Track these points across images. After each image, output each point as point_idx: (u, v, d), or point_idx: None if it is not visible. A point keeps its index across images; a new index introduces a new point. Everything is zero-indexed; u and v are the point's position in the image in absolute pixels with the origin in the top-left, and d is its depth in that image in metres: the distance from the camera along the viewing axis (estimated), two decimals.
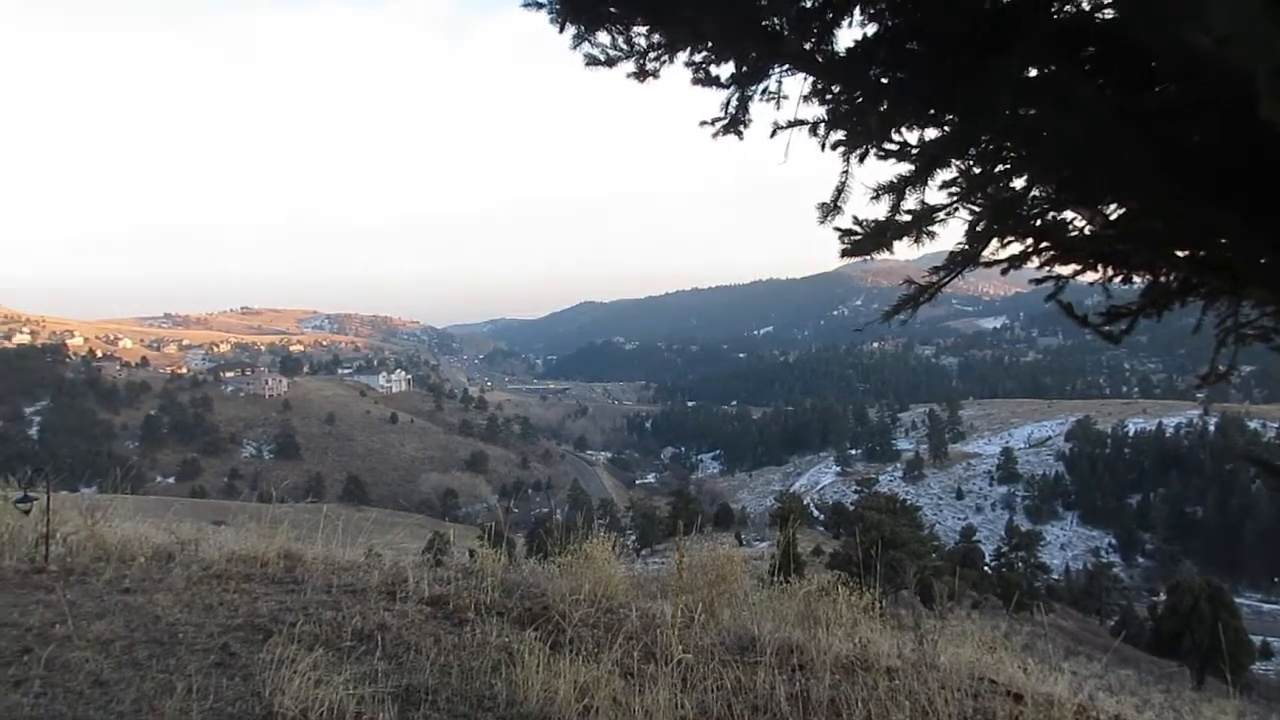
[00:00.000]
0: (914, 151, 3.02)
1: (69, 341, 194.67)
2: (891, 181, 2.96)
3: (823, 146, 3.10)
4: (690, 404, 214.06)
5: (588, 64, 3.03)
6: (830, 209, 3.21)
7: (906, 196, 2.99)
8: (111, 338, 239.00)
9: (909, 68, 2.69)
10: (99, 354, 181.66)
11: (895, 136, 2.96)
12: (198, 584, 5.96)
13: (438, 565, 6.50)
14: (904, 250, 3.40)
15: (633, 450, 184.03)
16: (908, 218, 3.16)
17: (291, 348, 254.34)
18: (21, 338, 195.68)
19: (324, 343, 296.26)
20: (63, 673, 4.25)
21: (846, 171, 3.11)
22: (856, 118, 2.92)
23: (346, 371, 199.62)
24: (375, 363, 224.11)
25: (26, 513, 6.74)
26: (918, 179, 2.93)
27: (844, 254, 3.36)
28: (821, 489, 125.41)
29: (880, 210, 3.10)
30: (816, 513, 77.12)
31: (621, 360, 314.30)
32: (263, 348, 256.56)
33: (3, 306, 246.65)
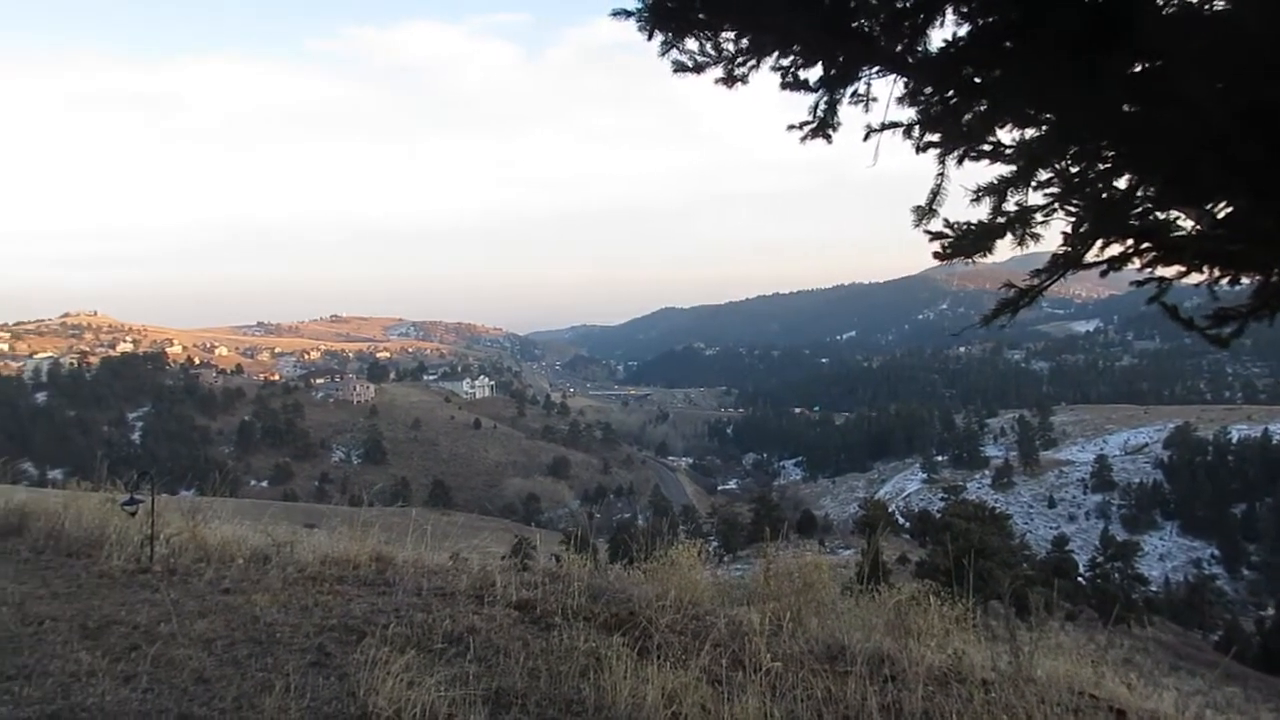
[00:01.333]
0: (1009, 152, 2.95)
1: (169, 350, 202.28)
2: (992, 183, 2.90)
3: (917, 149, 3.05)
4: (772, 410, 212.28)
5: (675, 70, 3.03)
6: (925, 212, 3.15)
7: (1008, 198, 2.91)
8: (208, 346, 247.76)
9: (1005, 67, 2.62)
10: (197, 362, 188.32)
11: (991, 137, 2.89)
12: (294, 585, 6.12)
13: (524, 570, 6.56)
14: (1001, 252, 3.32)
15: (714, 456, 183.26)
16: (1003, 219, 3.09)
17: (378, 355, 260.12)
18: (125, 346, 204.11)
19: (410, 350, 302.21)
20: (168, 669, 4.40)
21: (942, 174, 3.05)
22: (951, 119, 2.86)
23: (431, 378, 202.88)
24: (459, 369, 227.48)
25: (133, 514, 7.00)
26: (1020, 179, 2.86)
27: (942, 257, 3.29)
28: (906, 496, 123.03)
29: (977, 213, 3.03)
30: (902, 520, 75.70)
31: (702, 366, 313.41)
32: (351, 355, 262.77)
33: (108, 316, 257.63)
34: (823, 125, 3.30)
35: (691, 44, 3.03)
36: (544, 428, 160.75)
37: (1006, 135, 2.93)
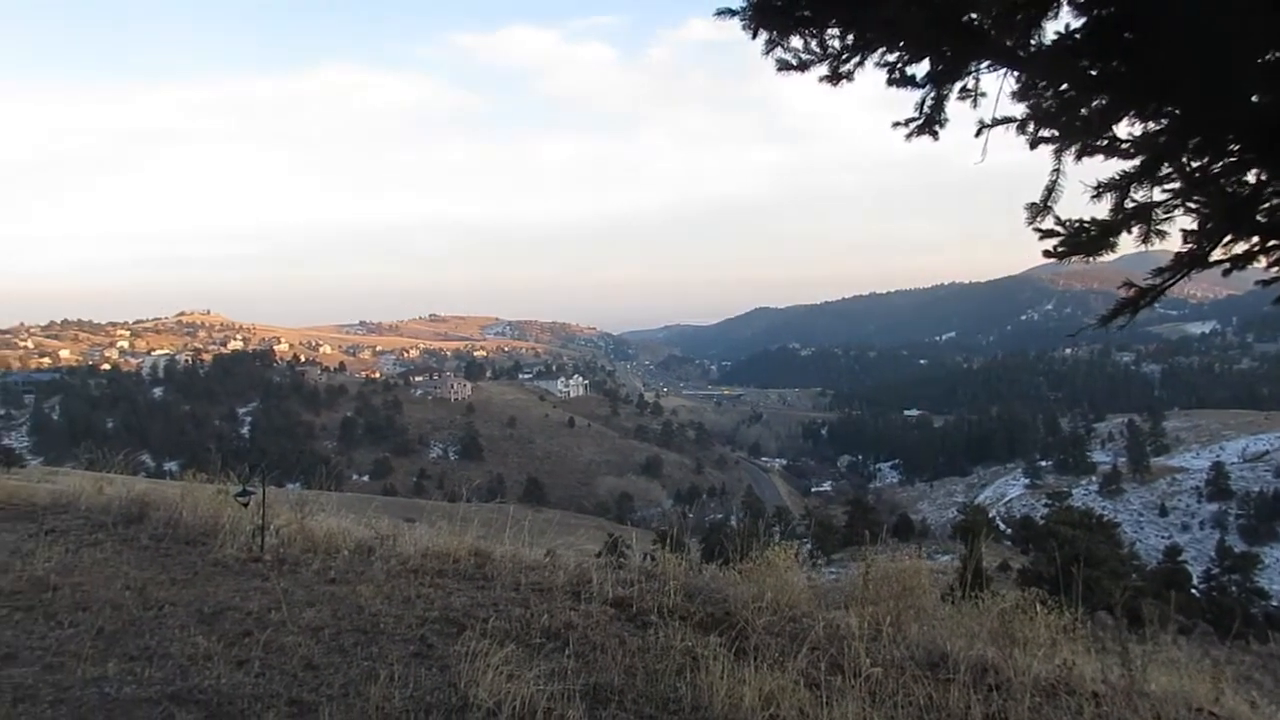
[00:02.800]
0: (1125, 147, 2.84)
1: (276, 347, 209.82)
2: (1114, 178, 2.79)
3: (1031, 144, 2.96)
4: (868, 411, 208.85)
5: (779, 69, 3.00)
6: (1040, 209, 3.06)
7: (1132, 193, 2.80)
8: (313, 344, 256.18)
9: (1125, 60, 2.52)
10: (302, 359, 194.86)
11: (1109, 132, 2.78)
12: (396, 577, 6.27)
13: (619, 568, 6.59)
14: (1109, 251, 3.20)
15: (808, 457, 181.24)
16: (1119, 216, 2.98)
17: (475, 353, 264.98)
18: (236, 344, 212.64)
19: (505, 349, 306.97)
20: (278, 655, 4.56)
21: (1058, 170, 2.96)
22: (1068, 114, 2.77)
23: (526, 376, 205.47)
24: (554, 368, 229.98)
25: (245, 505, 7.28)
26: (1143, 175, 2.74)
27: (1055, 256, 3.19)
28: (1008, 501, 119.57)
29: (1088, 210, 2.93)
30: (1003, 526, 73.63)
31: (797, 366, 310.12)
32: (448, 353, 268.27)
33: (220, 315, 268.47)
34: (929, 122, 3.23)
35: (796, 42, 3.01)
36: (637, 427, 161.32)
37: (1123, 129, 2.83)
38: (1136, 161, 2.75)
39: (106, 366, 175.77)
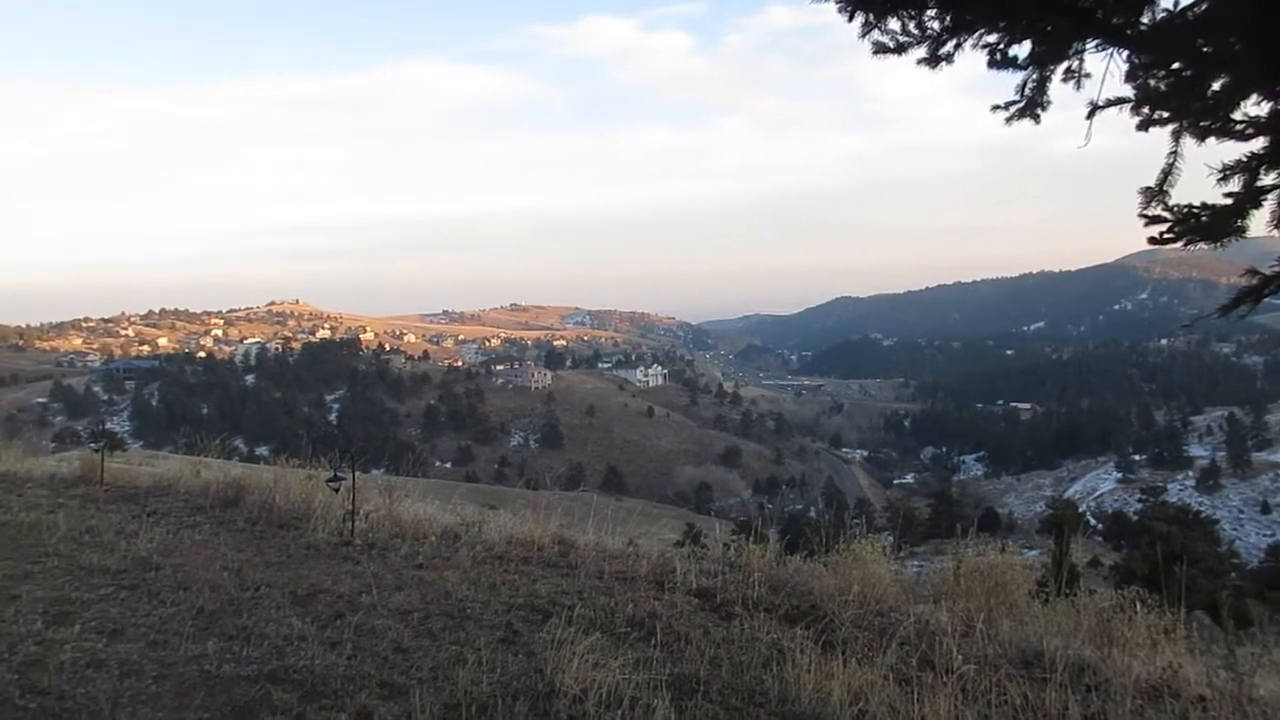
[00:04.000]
0: (1241, 129, 2.70)
1: (362, 336, 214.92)
2: (1241, 160, 2.65)
3: (1144, 126, 2.83)
4: (952, 402, 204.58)
5: (875, 52, 2.93)
6: (1155, 193, 2.93)
7: (1262, 175, 2.66)
8: (398, 333, 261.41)
9: (1245, 37, 2.39)
10: (387, 348, 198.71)
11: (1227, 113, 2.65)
12: (482, 564, 6.36)
13: (702, 558, 6.57)
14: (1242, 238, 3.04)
15: (890, 449, 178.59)
16: (1229, 201, 2.83)
17: (555, 342, 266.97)
18: (323, 333, 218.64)
19: (585, 338, 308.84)
20: (369, 638, 4.67)
21: (1175, 153, 2.83)
22: (1184, 95, 2.64)
23: (606, 366, 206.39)
24: (633, 357, 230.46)
25: (336, 490, 7.45)
26: (1273, 157, 2.60)
27: (1162, 242, 3.06)
28: (1099, 496, 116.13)
29: (1199, 194, 2.79)
30: (1093, 522, 71.64)
31: (878, 357, 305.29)
32: (529, 342, 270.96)
33: (308, 304, 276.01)
34: (1031, 105, 3.12)
35: (893, 24, 2.93)
36: (716, 417, 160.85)
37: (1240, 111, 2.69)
38: (1261, 142, 2.61)
39: (202, 354, 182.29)
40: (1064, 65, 2.93)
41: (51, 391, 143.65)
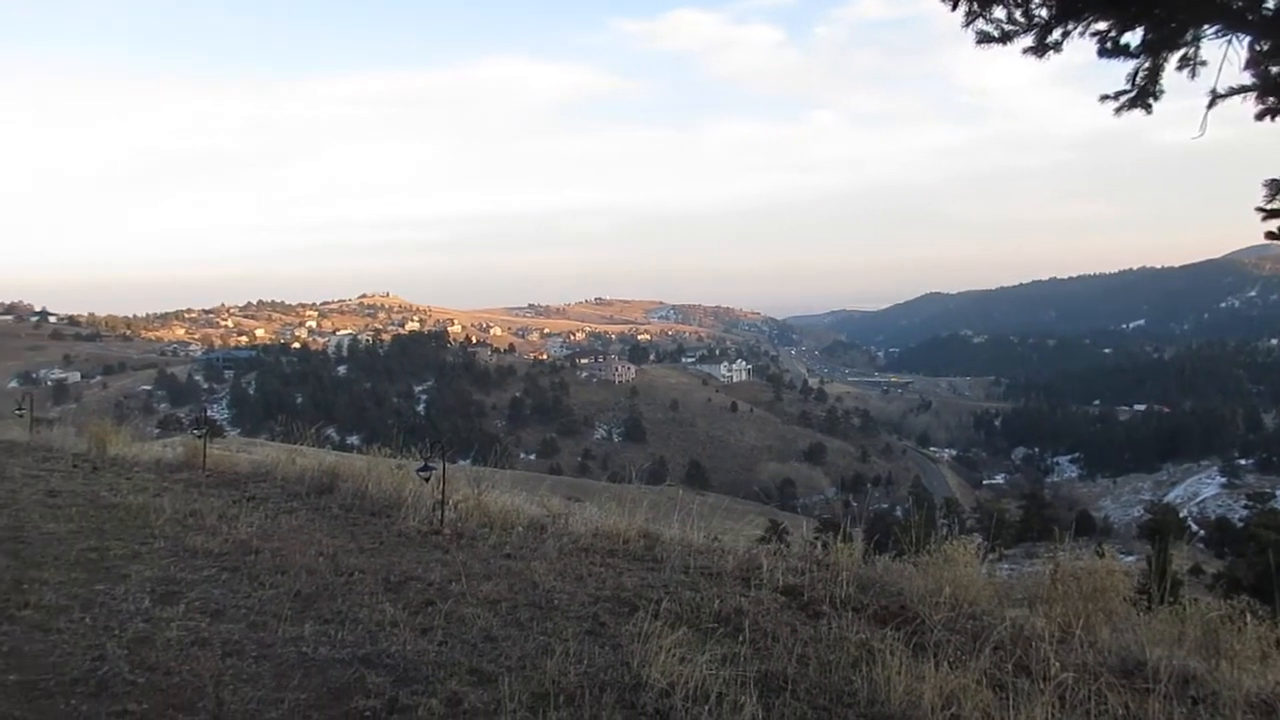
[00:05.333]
0: None
1: (450, 329, 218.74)
2: None
3: (1264, 115, 2.69)
4: (1045, 402, 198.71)
5: (979, 42, 2.84)
6: None
7: None
8: (484, 326, 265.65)
9: None
10: (474, 340, 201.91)
11: None
12: (568, 555, 6.41)
13: (789, 555, 6.52)
14: None
15: (979, 449, 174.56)
16: None
17: (639, 337, 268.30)
18: (412, 325, 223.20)
19: (669, 332, 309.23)
20: (459, 625, 4.74)
21: None
22: None
23: (689, 360, 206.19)
24: (717, 352, 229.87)
25: (426, 480, 7.59)
26: None
27: None
28: (1201, 501, 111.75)
29: None
30: (1195, 528, 69.03)
31: (968, 354, 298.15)
32: (613, 336, 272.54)
33: (398, 297, 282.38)
34: (1143, 94, 2.99)
35: (999, 12, 2.84)
36: (800, 413, 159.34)
37: None
38: None
39: (296, 345, 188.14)
40: (1179, 53, 2.80)
41: (156, 379, 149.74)
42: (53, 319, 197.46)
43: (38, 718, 3.49)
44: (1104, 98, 3.12)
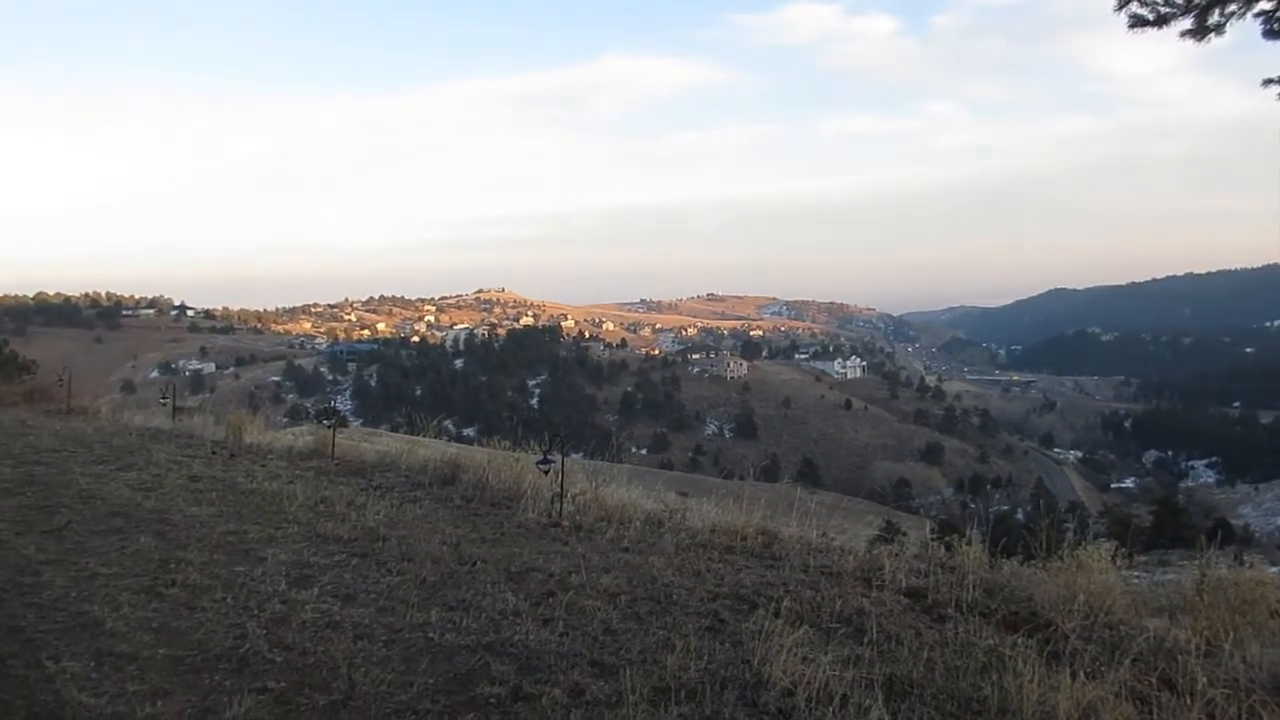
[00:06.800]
0: None
1: (563, 324, 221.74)
2: None
3: None
4: (1180, 403, 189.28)
5: (1132, 25, 2.72)
6: None
7: None
8: (597, 321, 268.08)
9: None
10: (587, 335, 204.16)
11: None
12: (685, 550, 6.40)
13: (913, 557, 6.37)
14: None
15: (1107, 451, 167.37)
16: None
17: (751, 333, 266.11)
18: (527, 320, 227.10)
19: (781, 328, 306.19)
20: (579, 617, 4.79)
21: None
22: None
23: (802, 357, 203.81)
24: (830, 349, 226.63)
25: (545, 473, 7.70)
26: None
27: None
28: None
29: None
30: None
31: (1096, 352, 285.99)
32: (725, 332, 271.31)
33: (513, 292, 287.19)
34: None
35: None
36: (916, 411, 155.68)
37: None
38: None
39: (416, 339, 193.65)
40: None
41: (284, 371, 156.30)
42: (190, 313, 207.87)
43: (186, 691, 3.66)
44: (1267, 81, 2.95)
